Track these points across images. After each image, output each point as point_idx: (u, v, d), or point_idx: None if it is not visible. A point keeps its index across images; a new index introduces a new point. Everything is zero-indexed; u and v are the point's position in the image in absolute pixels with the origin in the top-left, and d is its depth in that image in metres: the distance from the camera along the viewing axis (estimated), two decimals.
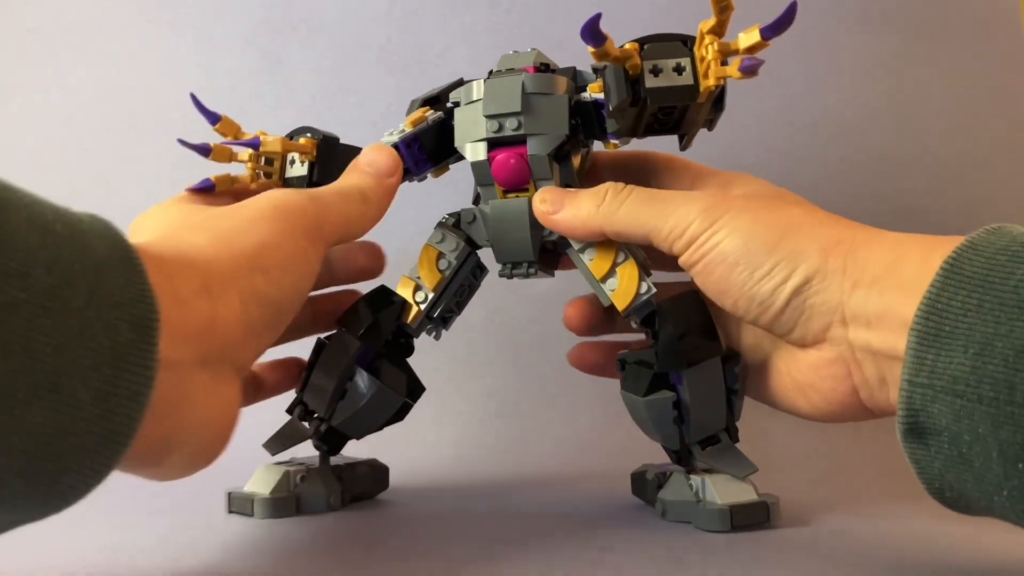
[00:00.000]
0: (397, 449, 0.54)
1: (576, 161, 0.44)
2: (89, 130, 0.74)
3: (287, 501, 0.44)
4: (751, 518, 0.39)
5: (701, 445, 0.41)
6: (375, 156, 0.42)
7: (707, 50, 0.36)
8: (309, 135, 0.45)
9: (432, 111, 0.45)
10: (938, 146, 0.75)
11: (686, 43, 0.38)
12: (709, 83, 0.37)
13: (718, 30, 0.36)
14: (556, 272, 0.47)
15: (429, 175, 0.47)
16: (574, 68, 0.44)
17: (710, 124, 0.42)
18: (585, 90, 0.43)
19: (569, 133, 0.42)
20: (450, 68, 0.71)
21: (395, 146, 0.44)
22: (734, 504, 0.39)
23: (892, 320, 0.32)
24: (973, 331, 0.28)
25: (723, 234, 0.36)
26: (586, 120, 0.43)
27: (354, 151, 0.45)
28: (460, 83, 0.46)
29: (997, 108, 0.76)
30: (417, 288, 0.45)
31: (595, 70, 0.43)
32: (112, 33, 0.75)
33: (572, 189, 0.41)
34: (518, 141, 0.42)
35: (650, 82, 0.38)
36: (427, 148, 0.45)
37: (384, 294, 0.45)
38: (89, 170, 0.74)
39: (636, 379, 0.41)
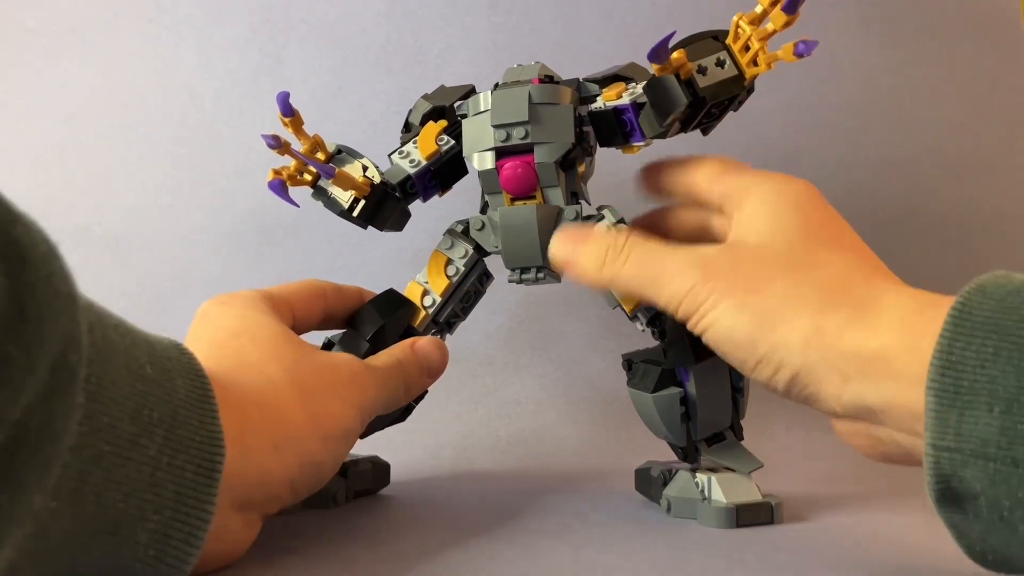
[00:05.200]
0: (398, 448, 0.54)
1: (581, 169, 0.45)
2: (89, 130, 0.74)
3: None
4: (755, 518, 0.40)
5: (707, 442, 0.42)
6: (432, 354, 0.43)
7: (751, 40, 0.38)
8: (365, 169, 0.46)
9: (443, 136, 0.46)
10: (938, 146, 0.75)
11: (716, 37, 0.40)
12: (760, 69, 0.39)
13: (759, 20, 0.38)
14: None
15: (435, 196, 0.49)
16: (578, 79, 0.45)
17: (738, 106, 0.42)
18: (595, 100, 0.43)
19: (575, 141, 0.43)
20: (450, 68, 0.72)
21: (409, 177, 0.45)
22: (739, 503, 0.40)
23: (900, 412, 0.30)
24: (995, 385, 0.26)
25: (709, 320, 0.35)
26: (604, 128, 0.43)
27: (398, 205, 0.46)
28: (469, 92, 0.47)
29: (997, 108, 0.76)
30: (425, 292, 0.45)
31: (597, 80, 0.44)
32: (112, 33, 0.75)
33: (583, 233, 0.41)
34: (525, 150, 0.43)
35: (702, 81, 0.39)
36: (437, 174, 0.47)
37: (393, 297, 0.45)
38: (89, 170, 0.74)
39: (644, 376, 0.42)
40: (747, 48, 0.39)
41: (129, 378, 0.26)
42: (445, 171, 0.47)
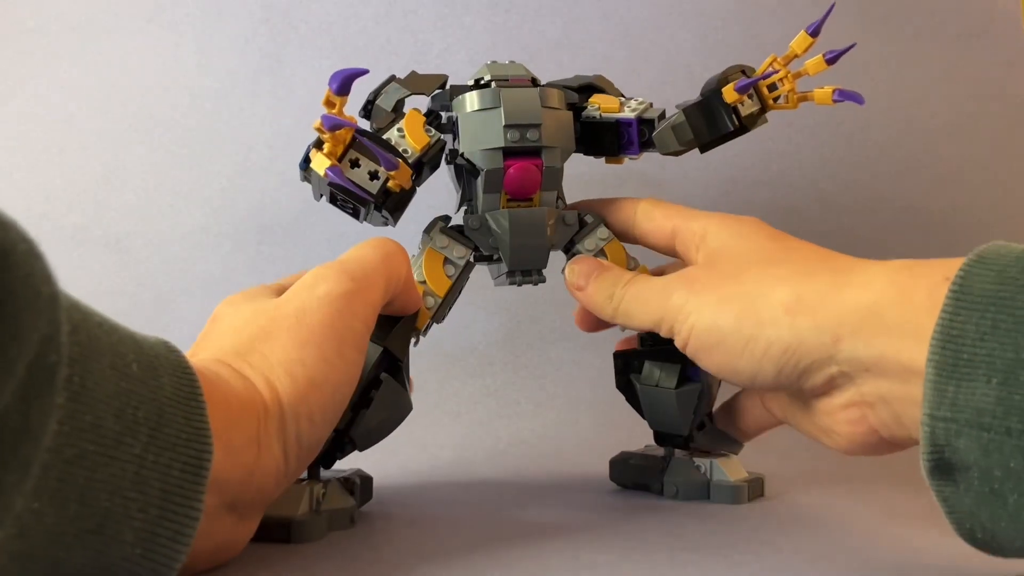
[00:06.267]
0: (396, 448, 0.54)
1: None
2: (89, 130, 0.74)
3: (319, 521, 0.39)
4: (756, 492, 0.45)
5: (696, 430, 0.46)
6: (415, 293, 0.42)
7: (784, 80, 0.43)
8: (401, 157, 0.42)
9: (429, 128, 0.44)
10: (938, 146, 0.75)
11: (744, 72, 0.44)
12: (786, 107, 0.44)
13: (789, 60, 0.43)
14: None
15: None
16: (562, 85, 0.45)
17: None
18: (581, 107, 0.44)
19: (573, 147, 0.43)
20: (450, 68, 0.71)
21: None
22: (743, 480, 0.45)
23: (890, 365, 0.31)
24: (993, 357, 0.26)
25: (691, 322, 0.37)
26: (596, 137, 0.44)
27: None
28: (444, 83, 0.46)
29: (997, 108, 0.76)
30: (425, 293, 0.43)
31: (571, 88, 0.45)
32: (112, 33, 0.75)
33: (600, 265, 0.43)
34: (530, 152, 0.42)
35: (743, 111, 0.43)
36: (415, 167, 0.43)
37: None
38: (89, 170, 0.74)
39: (664, 373, 0.44)
40: (773, 85, 0.43)
41: (114, 377, 0.25)
42: (422, 164, 0.44)
